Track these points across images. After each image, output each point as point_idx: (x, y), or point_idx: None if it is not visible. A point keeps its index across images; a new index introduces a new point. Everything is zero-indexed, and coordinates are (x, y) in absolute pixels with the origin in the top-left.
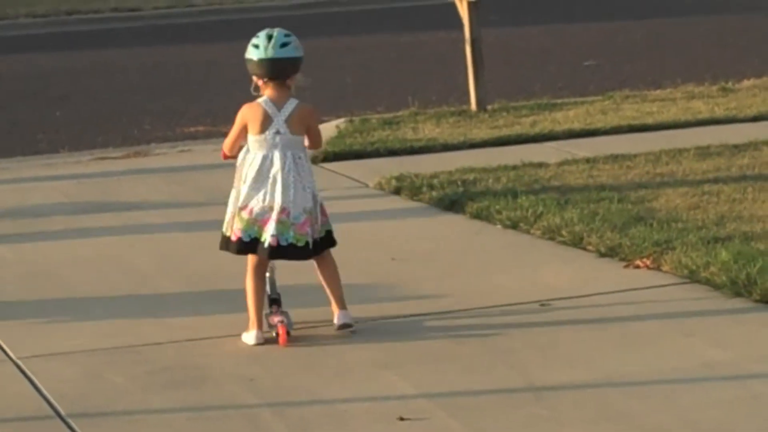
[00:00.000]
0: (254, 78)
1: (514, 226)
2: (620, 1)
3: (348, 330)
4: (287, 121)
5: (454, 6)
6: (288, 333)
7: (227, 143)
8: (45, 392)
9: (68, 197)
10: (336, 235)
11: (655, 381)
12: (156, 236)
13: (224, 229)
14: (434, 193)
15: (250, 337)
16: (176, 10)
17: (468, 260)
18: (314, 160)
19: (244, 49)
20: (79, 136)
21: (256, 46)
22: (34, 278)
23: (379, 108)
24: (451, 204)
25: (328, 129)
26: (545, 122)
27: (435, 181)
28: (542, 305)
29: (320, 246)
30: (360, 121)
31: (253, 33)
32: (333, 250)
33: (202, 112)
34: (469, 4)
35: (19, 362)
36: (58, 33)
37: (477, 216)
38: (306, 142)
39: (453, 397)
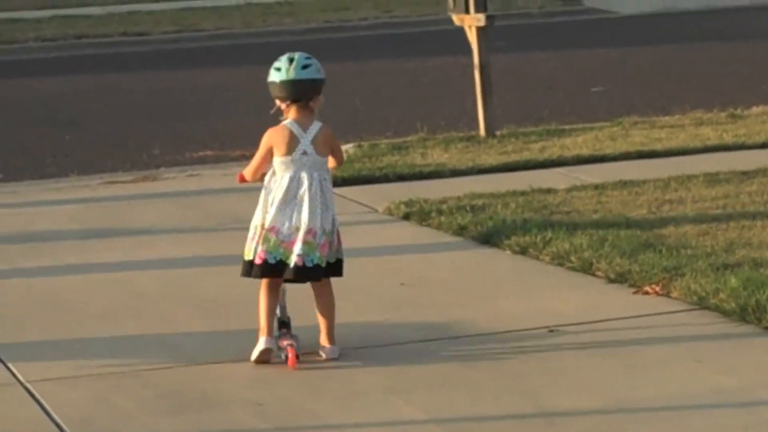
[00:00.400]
0: (277, 102)
1: (523, 251)
2: (627, 27)
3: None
4: (313, 142)
5: (462, 32)
6: (297, 356)
7: (250, 169)
8: (54, 416)
9: (77, 221)
10: (345, 259)
11: (664, 407)
12: (165, 261)
13: (245, 254)
14: (443, 219)
15: (259, 342)
16: (185, 35)
17: (477, 286)
18: None
19: (253, 73)
20: (88, 160)
21: (278, 69)
22: (42, 302)
23: (388, 133)
24: (460, 229)
25: None
26: (554, 148)
27: (444, 207)
28: (551, 331)
29: (329, 271)
30: (369, 146)
31: (261, 57)
32: (344, 275)
33: (211, 136)
34: (478, 30)
35: (29, 386)
36: (67, 57)
37: (486, 242)
38: (331, 164)
39: (462, 423)
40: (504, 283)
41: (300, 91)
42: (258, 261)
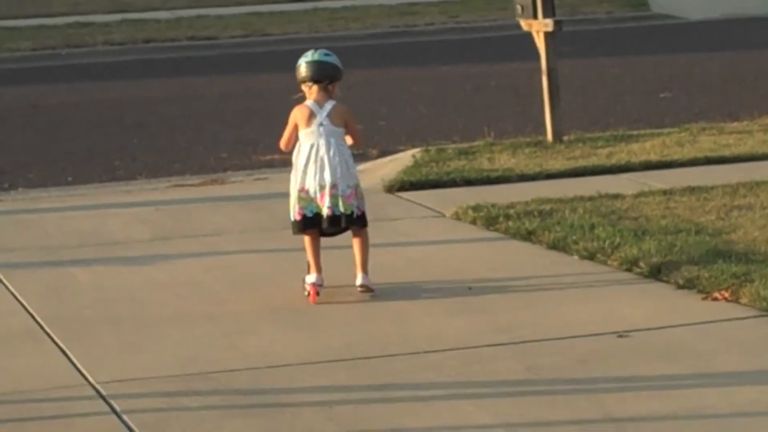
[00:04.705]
0: (303, 87)
1: (591, 257)
2: (695, 33)
3: (368, 293)
4: (328, 115)
5: (529, 37)
6: (317, 293)
7: (283, 140)
8: (125, 417)
9: (146, 224)
10: (413, 263)
11: (733, 414)
12: (232, 262)
13: (290, 215)
14: (510, 224)
15: (311, 277)
16: (252, 39)
17: (545, 291)
18: (390, 189)
19: None
20: (156, 163)
21: (305, 56)
22: (111, 303)
23: (455, 138)
24: (528, 234)
25: (404, 158)
26: (621, 154)
27: (511, 212)
28: (620, 336)
29: (355, 221)
30: (436, 150)
31: None
32: (416, 274)
33: (278, 140)
34: (546, 35)
35: (99, 387)
36: (135, 61)
37: (553, 246)
38: (349, 141)
39: (531, 428)
40: (572, 289)
41: (320, 72)
42: (298, 217)
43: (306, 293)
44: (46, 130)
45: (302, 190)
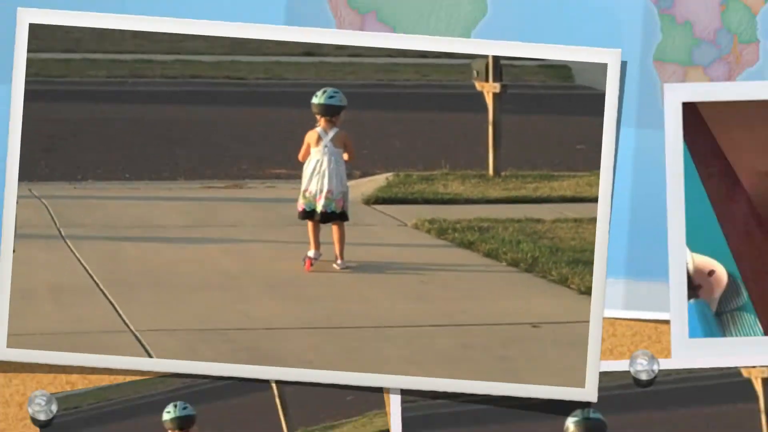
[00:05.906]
0: (316, 116)
1: (516, 264)
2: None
3: (346, 270)
4: (332, 140)
5: (480, 95)
6: (311, 264)
7: (300, 155)
8: (153, 355)
9: (182, 213)
10: (380, 260)
11: None
12: (245, 248)
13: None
14: (456, 234)
15: (310, 252)
16: (272, 81)
17: (479, 287)
18: (367, 202)
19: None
20: (193, 169)
21: (315, 96)
22: (151, 271)
23: (419, 167)
24: (469, 244)
25: (379, 180)
26: (544, 188)
27: (458, 226)
28: (534, 326)
29: (340, 217)
30: (404, 175)
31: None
32: (382, 269)
33: (285, 158)
34: (494, 95)
35: (138, 334)
36: (183, 91)
37: (488, 255)
38: (346, 156)
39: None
40: (499, 287)
41: (325, 111)
42: (300, 209)
43: (303, 263)
44: (112, 140)
45: (306, 191)
